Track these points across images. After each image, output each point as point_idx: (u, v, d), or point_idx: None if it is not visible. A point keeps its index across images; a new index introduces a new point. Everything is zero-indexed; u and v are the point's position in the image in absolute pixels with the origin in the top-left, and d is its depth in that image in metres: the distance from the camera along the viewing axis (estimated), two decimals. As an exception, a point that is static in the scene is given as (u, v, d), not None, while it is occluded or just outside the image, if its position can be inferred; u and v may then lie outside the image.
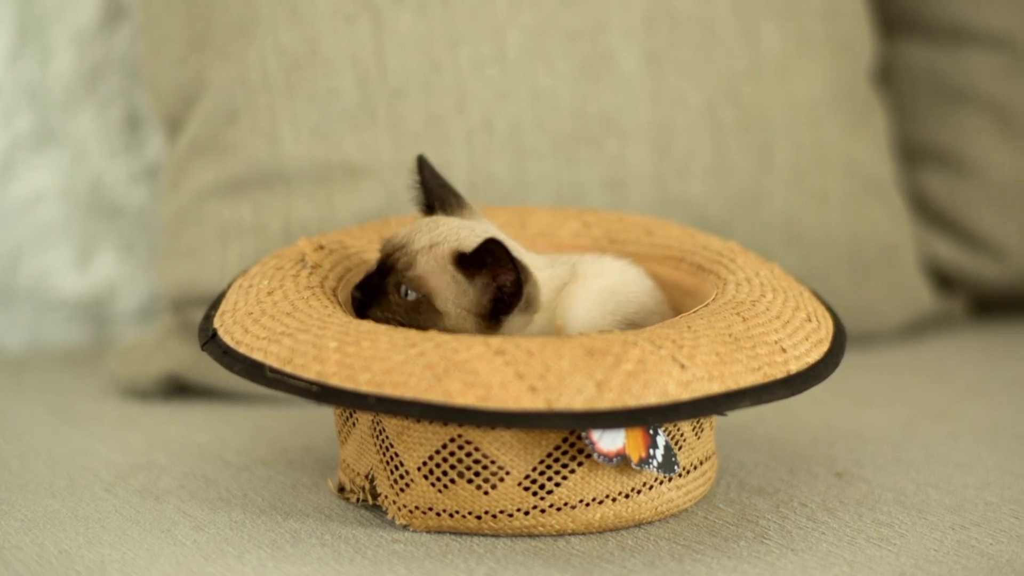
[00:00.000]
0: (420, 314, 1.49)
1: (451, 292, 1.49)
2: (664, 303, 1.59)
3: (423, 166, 1.59)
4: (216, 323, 1.51)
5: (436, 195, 1.58)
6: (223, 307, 1.53)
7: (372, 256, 1.66)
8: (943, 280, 2.37)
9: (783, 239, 2.14)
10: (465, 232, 1.52)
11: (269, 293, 1.52)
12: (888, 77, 2.37)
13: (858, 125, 2.22)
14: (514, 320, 1.50)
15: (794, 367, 1.43)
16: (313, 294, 1.51)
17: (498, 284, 1.48)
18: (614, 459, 1.39)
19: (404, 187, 1.99)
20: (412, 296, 1.49)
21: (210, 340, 1.50)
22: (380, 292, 1.50)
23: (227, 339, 1.47)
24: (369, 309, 1.50)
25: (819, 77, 2.18)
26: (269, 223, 1.99)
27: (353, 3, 1.99)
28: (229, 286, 1.58)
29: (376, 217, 1.99)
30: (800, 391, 1.42)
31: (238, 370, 1.44)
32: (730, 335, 1.42)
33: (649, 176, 2.07)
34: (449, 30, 2.01)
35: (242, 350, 1.45)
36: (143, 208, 2.30)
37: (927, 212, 2.35)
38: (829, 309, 1.59)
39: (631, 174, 2.06)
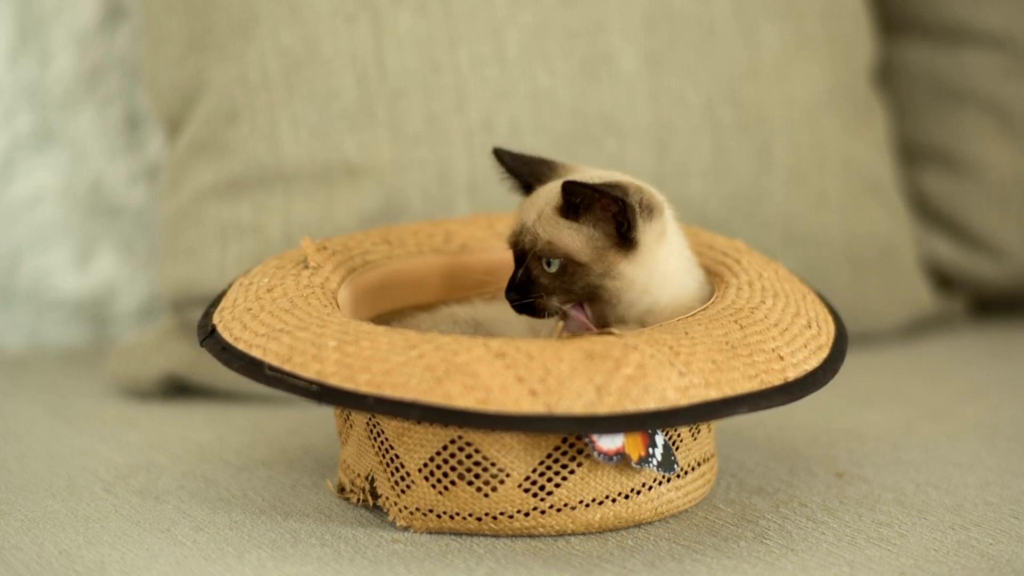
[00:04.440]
0: (573, 276, 1.50)
1: (579, 241, 1.50)
2: None
3: (500, 157, 1.59)
4: (215, 319, 1.51)
5: (527, 174, 1.58)
6: (223, 304, 1.53)
7: (375, 258, 1.66)
8: (943, 280, 2.37)
9: (783, 239, 2.14)
10: (557, 189, 1.52)
11: (269, 290, 1.52)
12: (888, 77, 2.37)
13: (858, 125, 2.22)
14: (650, 231, 1.51)
15: (792, 374, 1.43)
16: (313, 293, 1.51)
17: (608, 212, 1.49)
18: (614, 458, 1.40)
19: (404, 187, 1.99)
20: (555, 264, 1.50)
21: (209, 336, 1.49)
22: (530, 281, 1.51)
23: (225, 335, 1.47)
24: (529, 303, 1.51)
25: (818, 77, 2.18)
26: (269, 223, 1.99)
27: (353, 3, 1.99)
28: (230, 285, 1.58)
29: (375, 216, 1.99)
30: (798, 398, 1.42)
31: (237, 367, 1.44)
32: (727, 343, 1.41)
33: (649, 176, 2.07)
34: (449, 30, 2.01)
35: (240, 346, 1.44)
36: (143, 208, 2.30)
37: (927, 212, 2.35)
38: (832, 312, 1.58)
39: (631, 174, 2.06)
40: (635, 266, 1.51)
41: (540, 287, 1.50)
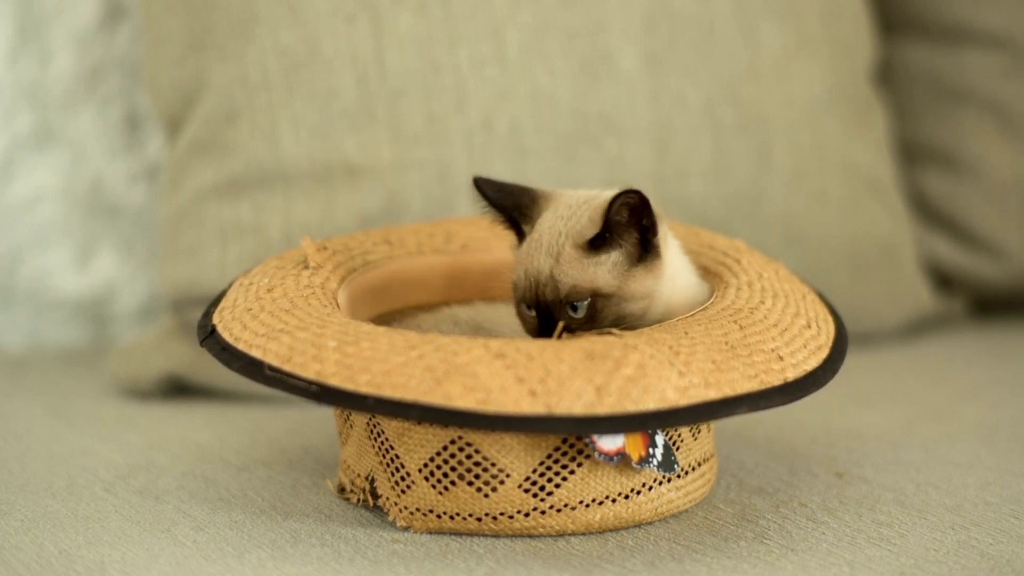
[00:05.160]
0: (603, 311, 1.48)
1: (604, 273, 1.48)
2: None
3: (481, 188, 1.54)
4: (215, 319, 1.51)
5: (510, 206, 1.55)
6: (223, 304, 1.53)
7: (376, 258, 1.66)
8: (943, 280, 2.37)
9: (782, 239, 2.14)
10: (570, 222, 1.50)
11: (269, 290, 1.52)
12: (888, 77, 2.37)
13: (858, 125, 2.22)
14: (663, 236, 1.50)
15: (791, 375, 1.43)
16: (313, 293, 1.51)
17: (633, 222, 1.47)
18: (615, 458, 1.40)
19: (404, 187, 1.99)
20: (582, 307, 1.48)
21: (208, 336, 1.49)
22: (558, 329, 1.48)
23: (225, 335, 1.47)
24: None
25: (818, 77, 2.18)
26: (269, 223, 1.99)
27: (353, 3, 1.99)
28: (230, 285, 1.58)
29: (376, 217, 1.99)
30: (798, 398, 1.42)
31: (237, 367, 1.44)
32: (727, 343, 1.41)
33: (649, 176, 2.07)
34: (449, 30, 2.01)
35: (240, 347, 1.44)
36: (143, 208, 2.30)
37: (927, 212, 2.35)
38: (832, 312, 1.58)
39: (631, 174, 2.06)
40: (656, 278, 1.49)
41: (570, 329, 1.49)
